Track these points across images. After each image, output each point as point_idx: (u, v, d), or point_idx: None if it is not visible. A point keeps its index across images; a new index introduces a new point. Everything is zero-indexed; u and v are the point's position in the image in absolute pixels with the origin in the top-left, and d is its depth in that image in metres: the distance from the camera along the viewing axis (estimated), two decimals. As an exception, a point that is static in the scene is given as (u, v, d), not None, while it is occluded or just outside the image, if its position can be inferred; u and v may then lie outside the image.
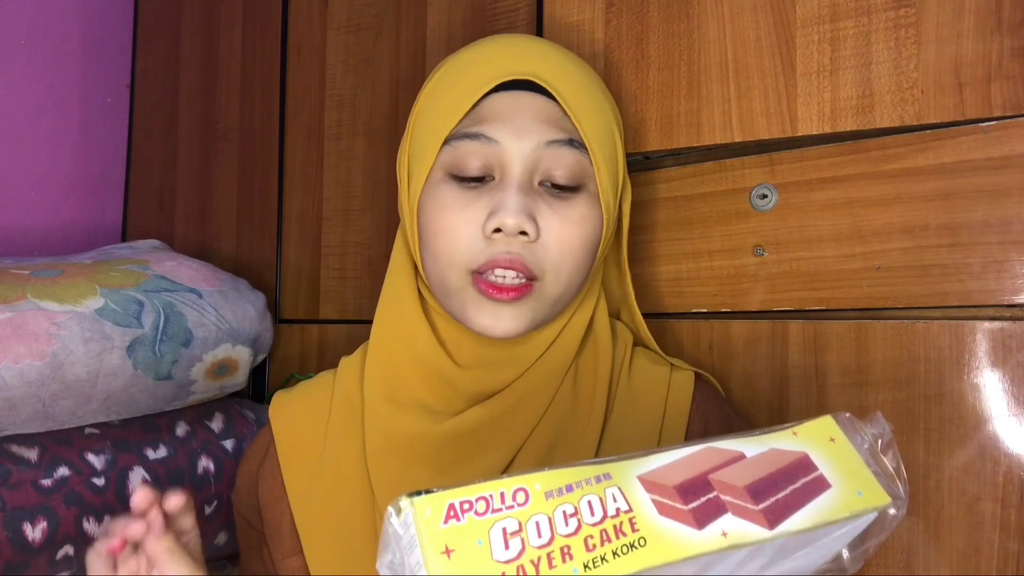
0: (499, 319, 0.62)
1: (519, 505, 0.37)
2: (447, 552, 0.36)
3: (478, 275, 0.62)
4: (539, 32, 0.92)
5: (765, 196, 0.78)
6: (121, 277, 0.99)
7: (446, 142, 0.64)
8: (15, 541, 0.83)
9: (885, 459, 0.43)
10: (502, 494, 0.38)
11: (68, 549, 0.87)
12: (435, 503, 0.37)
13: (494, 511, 0.37)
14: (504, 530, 0.36)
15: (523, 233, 0.61)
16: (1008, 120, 0.67)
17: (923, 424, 0.69)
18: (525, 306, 0.63)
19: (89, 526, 0.89)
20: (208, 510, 1.00)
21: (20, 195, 1.35)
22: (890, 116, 0.71)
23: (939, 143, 0.70)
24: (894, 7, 0.71)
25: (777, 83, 0.76)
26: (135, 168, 1.45)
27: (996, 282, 0.68)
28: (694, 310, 0.82)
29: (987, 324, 0.67)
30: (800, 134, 0.75)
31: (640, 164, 0.85)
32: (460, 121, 0.64)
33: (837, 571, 0.44)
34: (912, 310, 0.71)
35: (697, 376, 0.72)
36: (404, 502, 0.37)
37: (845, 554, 0.43)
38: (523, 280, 0.62)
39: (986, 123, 0.68)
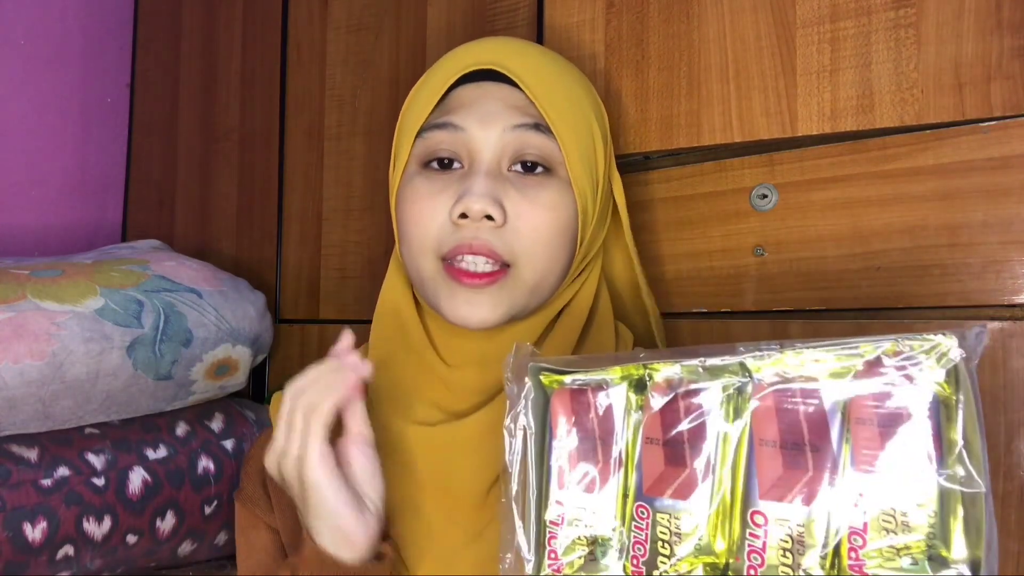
0: (474, 307, 0.62)
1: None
2: None
3: (447, 262, 0.63)
4: (539, 33, 0.92)
5: (765, 196, 0.78)
6: (121, 277, 0.99)
7: (418, 135, 0.66)
8: (15, 541, 0.83)
9: None
10: None
11: (68, 549, 0.88)
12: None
13: None
14: None
15: (489, 218, 0.61)
16: (1008, 120, 0.67)
17: (923, 424, 0.69)
18: (501, 293, 0.62)
19: (89, 526, 0.89)
20: (208, 510, 1.00)
21: (21, 195, 1.35)
22: (890, 116, 0.71)
23: (939, 143, 0.70)
24: (894, 7, 0.71)
25: (777, 83, 0.76)
26: (135, 168, 1.45)
27: (996, 282, 0.68)
28: (694, 310, 0.82)
29: (987, 324, 0.67)
30: (800, 134, 0.75)
31: (640, 164, 0.85)
32: (430, 114, 0.66)
33: None
34: (912, 310, 0.71)
35: None
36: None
37: None
38: (496, 267, 0.62)
39: (986, 123, 0.68)
